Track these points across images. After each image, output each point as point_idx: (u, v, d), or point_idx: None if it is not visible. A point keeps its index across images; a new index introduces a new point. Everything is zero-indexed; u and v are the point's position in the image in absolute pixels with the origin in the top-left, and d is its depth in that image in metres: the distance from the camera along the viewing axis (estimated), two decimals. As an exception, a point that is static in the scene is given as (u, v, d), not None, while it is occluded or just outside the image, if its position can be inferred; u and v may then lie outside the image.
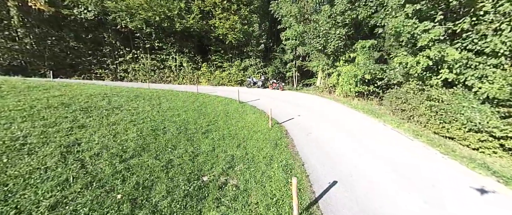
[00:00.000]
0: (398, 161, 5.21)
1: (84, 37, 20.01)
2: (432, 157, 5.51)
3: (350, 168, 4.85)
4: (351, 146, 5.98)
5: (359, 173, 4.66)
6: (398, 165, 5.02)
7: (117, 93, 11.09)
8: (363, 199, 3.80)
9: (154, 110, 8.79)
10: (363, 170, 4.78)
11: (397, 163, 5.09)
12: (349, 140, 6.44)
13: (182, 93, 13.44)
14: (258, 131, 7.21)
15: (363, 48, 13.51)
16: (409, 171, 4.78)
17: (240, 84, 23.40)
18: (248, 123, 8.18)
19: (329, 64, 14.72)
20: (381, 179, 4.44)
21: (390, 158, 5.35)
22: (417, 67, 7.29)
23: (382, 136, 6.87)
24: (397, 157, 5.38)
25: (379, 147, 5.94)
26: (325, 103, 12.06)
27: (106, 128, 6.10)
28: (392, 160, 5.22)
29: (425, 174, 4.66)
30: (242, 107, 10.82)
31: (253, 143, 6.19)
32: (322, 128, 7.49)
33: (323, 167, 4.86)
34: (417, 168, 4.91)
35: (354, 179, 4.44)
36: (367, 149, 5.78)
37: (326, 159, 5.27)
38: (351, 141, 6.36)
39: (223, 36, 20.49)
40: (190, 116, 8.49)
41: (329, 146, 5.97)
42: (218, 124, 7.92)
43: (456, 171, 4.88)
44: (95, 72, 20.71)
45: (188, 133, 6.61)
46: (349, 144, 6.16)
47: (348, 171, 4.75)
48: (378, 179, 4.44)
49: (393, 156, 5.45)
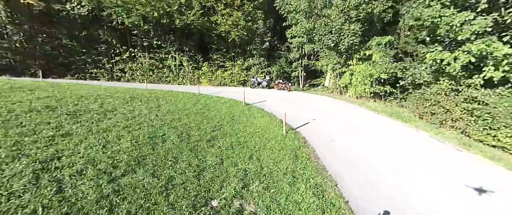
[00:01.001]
0: (458, 180, 4.33)
1: (77, 34, 19.22)
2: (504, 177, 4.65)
3: (402, 195, 3.96)
4: (389, 160, 5.13)
5: (413, 201, 3.79)
6: (464, 188, 4.15)
7: (112, 94, 10.29)
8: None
9: (152, 113, 7.99)
10: (416, 195, 3.91)
11: (461, 185, 4.22)
12: (383, 151, 5.58)
13: (182, 95, 12.66)
14: (271, 138, 6.40)
15: (378, 45, 12.70)
16: (489, 199, 3.94)
17: (243, 84, 22.62)
18: (258, 128, 7.38)
19: (341, 63, 13.92)
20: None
21: (448, 177, 4.48)
22: (456, 64, 6.46)
23: (420, 145, 6.02)
24: (456, 175, 4.51)
25: (425, 161, 5.08)
26: (340, 106, 11.26)
27: (96, 136, 5.29)
28: (454, 179, 4.37)
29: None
30: (249, 109, 10.04)
31: (268, 153, 5.38)
32: (345, 134, 6.67)
33: (362, 189, 4.02)
34: (496, 195, 4.05)
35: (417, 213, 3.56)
36: (408, 164, 4.92)
37: (362, 177, 4.42)
38: (387, 153, 5.50)
39: (225, 33, 19.72)
40: (192, 120, 7.68)
41: (360, 158, 5.14)
42: (224, 129, 7.12)
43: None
44: (90, 72, 19.93)
45: (191, 141, 5.80)
46: (385, 157, 5.31)
47: (400, 198, 3.86)
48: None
49: (450, 173, 4.59)
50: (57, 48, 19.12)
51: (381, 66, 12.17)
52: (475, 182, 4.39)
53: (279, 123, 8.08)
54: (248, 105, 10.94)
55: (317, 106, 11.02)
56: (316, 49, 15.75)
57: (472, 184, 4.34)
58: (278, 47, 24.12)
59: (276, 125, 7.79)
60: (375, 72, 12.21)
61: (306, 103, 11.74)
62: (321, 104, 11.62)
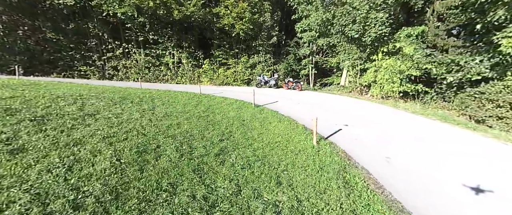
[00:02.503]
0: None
1: (64, 27, 17.81)
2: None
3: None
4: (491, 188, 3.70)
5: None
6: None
7: (98, 94, 8.93)
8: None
9: (144, 117, 6.62)
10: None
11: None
12: (490, 180, 4.07)
13: (182, 95, 11.30)
14: (300, 152, 5.02)
15: (408, 37, 11.31)
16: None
17: (247, 84, 21.29)
18: (278, 137, 6.00)
19: (363, 58, 12.52)
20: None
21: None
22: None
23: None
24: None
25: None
26: (369, 107, 9.85)
27: (61, 151, 3.91)
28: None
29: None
30: (261, 112, 8.67)
31: (301, 175, 3.99)
32: (403, 149, 5.22)
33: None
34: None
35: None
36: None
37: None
38: (482, 178, 4.09)
39: (229, 27, 18.36)
40: (195, 126, 6.32)
41: (457, 196, 3.68)
42: (234, 137, 5.76)
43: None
44: (79, 69, 18.57)
45: (194, 156, 4.42)
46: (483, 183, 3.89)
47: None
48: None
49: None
50: (41, 43, 17.71)
51: (411, 62, 10.78)
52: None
53: (302, 129, 6.70)
54: (258, 107, 9.58)
55: (341, 108, 9.62)
56: (332, 43, 14.34)
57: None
58: (286, 43, 22.76)
59: (299, 132, 6.41)
60: (406, 68, 10.81)
61: (327, 105, 10.34)
62: (345, 105, 10.22)
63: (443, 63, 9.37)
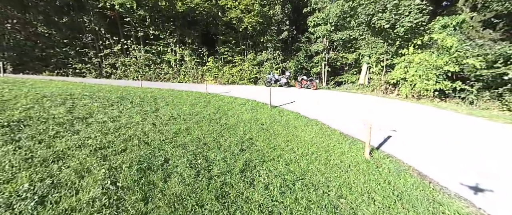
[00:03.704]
0: None
1: (57, 21, 16.80)
2: None
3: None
4: None
5: None
6: None
7: (92, 93, 7.92)
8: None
9: (147, 121, 5.60)
10: None
11: None
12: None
13: (187, 94, 10.28)
14: (350, 167, 3.95)
15: (443, 28, 10.19)
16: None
17: (254, 82, 20.27)
18: (312, 146, 4.94)
19: (390, 52, 11.41)
20: None
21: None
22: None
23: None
24: None
25: None
26: (408, 108, 8.75)
27: (35, 171, 2.88)
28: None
29: None
30: (279, 114, 7.63)
31: (369, 207, 2.90)
32: (493, 168, 4.10)
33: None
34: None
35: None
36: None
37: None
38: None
39: (237, 20, 17.31)
40: (207, 132, 5.29)
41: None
42: (257, 146, 4.73)
43: None
44: (74, 67, 17.61)
45: (214, 175, 3.38)
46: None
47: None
48: None
49: None
50: (32, 38, 16.72)
51: (448, 55, 9.67)
52: None
53: (340, 136, 5.62)
54: (275, 108, 8.54)
55: (374, 109, 8.53)
56: (353, 37, 13.24)
57: None
58: (296, 39, 21.70)
59: (337, 140, 5.33)
60: (443, 63, 9.70)
61: (353, 105, 9.26)
62: (375, 106, 9.13)
63: (500, 55, 8.20)
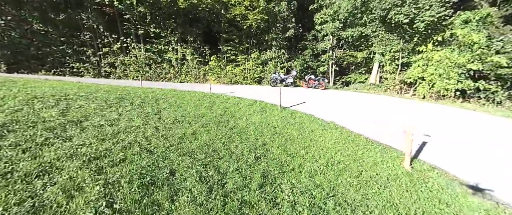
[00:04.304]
0: None
1: (53, 18, 16.26)
2: None
3: None
4: None
5: None
6: None
7: (89, 94, 7.39)
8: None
9: (149, 124, 5.06)
10: None
11: None
12: None
13: (190, 95, 9.74)
14: (388, 181, 3.40)
15: (465, 23, 9.63)
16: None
17: (258, 82, 19.73)
18: (337, 153, 4.41)
19: (406, 49, 10.85)
20: None
21: None
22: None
23: None
24: None
25: None
26: (431, 109, 8.17)
27: (13, 190, 2.32)
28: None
29: None
30: (292, 116, 7.10)
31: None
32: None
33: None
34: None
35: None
36: None
37: None
38: None
39: (241, 18, 16.79)
40: (216, 137, 4.77)
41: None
42: (273, 154, 4.24)
43: None
44: (71, 66, 17.11)
45: (229, 190, 2.85)
46: None
47: None
48: None
49: None
50: (27, 36, 16.09)
51: (471, 53, 9.12)
52: None
53: (367, 142, 5.07)
54: (285, 109, 8.01)
55: (394, 111, 7.96)
56: (365, 33, 12.68)
57: None
58: (302, 37, 21.17)
59: (365, 147, 4.78)
60: (465, 60, 9.14)
61: (369, 106, 8.70)
62: (394, 107, 8.56)
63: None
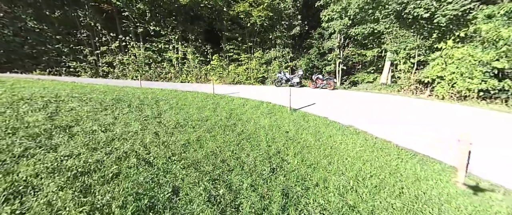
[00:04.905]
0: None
1: (49, 15, 15.74)
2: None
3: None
4: None
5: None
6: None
7: (82, 95, 6.84)
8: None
9: (148, 129, 4.49)
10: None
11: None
12: None
13: (192, 96, 9.18)
14: (443, 203, 2.78)
15: (489, 18, 9.04)
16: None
17: (262, 82, 19.20)
18: (366, 165, 3.83)
19: (423, 46, 10.25)
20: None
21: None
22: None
23: None
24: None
25: None
26: (462, 112, 7.58)
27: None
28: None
29: None
30: (304, 119, 6.54)
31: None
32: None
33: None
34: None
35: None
36: None
37: None
38: None
39: (244, 15, 16.26)
40: (223, 143, 4.21)
41: None
42: (290, 164, 3.71)
43: None
44: (67, 65, 16.61)
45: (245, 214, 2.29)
46: None
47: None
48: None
49: None
50: (20, 34, 15.51)
51: (495, 49, 8.52)
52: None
53: (397, 150, 4.47)
54: (295, 111, 7.45)
55: (420, 114, 7.38)
56: (378, 30, 12.10)
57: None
58: (308, 35, 20.61)
59: (398, 156, 4.18)
60: (489, 58, 8.54)
61: (387, 109, 8.12)
62: (416, 109, 7.99)
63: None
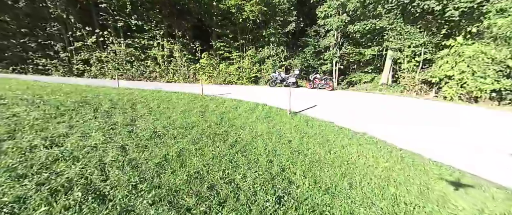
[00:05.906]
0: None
1: (12, 5, 13.96)
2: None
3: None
4: None
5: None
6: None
7: (37, 97, 5.61)
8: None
9: (113, 141, 3.38)
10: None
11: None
12: None
13: (177, 97, 8.04)
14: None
15: (501, 12, 8.54)
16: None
17: (254, 82, 18.27)
18: (398, 188, 2.93)
19: (430, 43, 9.64)
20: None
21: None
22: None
23: None
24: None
25: None
26: (486, 115, 6.95)
27: None
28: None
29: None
30: (307, 125, 5.65)
31: None
32: None
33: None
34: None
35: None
36: None
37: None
38: None
39: (236, 9, 15.24)
40: (211, 159, 3.18)
41: None
42: (298, 188, 2.73)
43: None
44: (35, 62, 14.94)
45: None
46: None
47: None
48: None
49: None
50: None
51: (508, 46, 8.02)
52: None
53: (435, 166, 3.64)
54: (296, 115, 6.53)
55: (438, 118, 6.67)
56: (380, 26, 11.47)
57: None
58: (303, 32, 19.90)
59: (439, 175, 3.37)
60: (503, 56, 8.01)
61: (398, 112, 7.39)
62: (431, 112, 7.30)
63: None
